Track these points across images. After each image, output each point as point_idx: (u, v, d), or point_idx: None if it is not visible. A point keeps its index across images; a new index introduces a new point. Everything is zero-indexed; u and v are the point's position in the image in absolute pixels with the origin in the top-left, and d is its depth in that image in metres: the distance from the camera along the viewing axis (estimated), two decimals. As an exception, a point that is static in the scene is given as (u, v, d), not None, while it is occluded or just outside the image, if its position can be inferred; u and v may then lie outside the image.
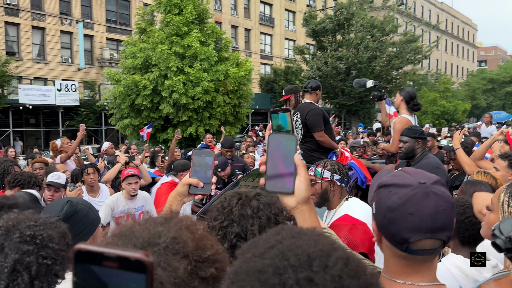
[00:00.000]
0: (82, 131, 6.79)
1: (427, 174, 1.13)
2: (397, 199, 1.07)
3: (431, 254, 1.08)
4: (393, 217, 1.07)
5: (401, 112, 4.61)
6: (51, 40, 26.21)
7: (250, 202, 1.43)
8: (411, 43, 23.64)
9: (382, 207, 1.10)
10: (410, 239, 1.05)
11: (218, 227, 1.40)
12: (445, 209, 1.06)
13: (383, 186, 1.12)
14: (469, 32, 68.23)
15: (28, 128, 24.48)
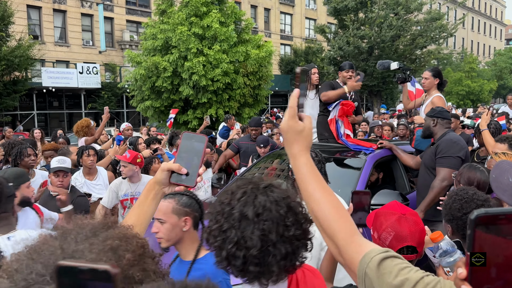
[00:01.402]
0: (106, 114, 6.83)
1: None
2: None
3: None
4: None
5: (433, 92, 4.67)
6: (72, 23, 26.40)
7: (255, 198, 1.16)
8: (435, 21, 22.89)
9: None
10: None
11: (217, 232, 1.15)
12: None
13: None
14: (497, 9, 65.65)
15: (51, 110, 24.92)
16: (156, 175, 1.35)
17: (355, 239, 1.04)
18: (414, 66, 22.23)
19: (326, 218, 1.06)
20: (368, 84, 23.48)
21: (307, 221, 1.17)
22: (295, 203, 1.18)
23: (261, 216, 1.12)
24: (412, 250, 1.69)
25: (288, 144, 1.17)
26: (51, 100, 24.76)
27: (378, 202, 3.50)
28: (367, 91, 25.15)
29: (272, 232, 1.11)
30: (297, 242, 1.14)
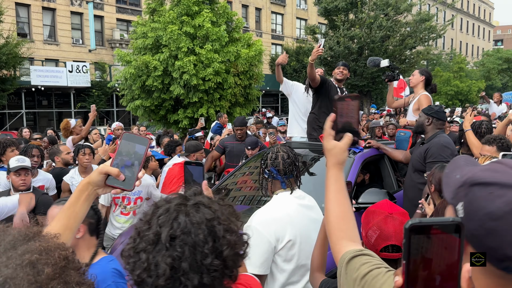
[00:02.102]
0: (93, 112, 6.82)
1: None
2: (504, 204, 0.81)
3: None
4: (495, 228, 0.81)
5: (420, 91, 4.71)
6: (62, 21, 26.18)
7: (175, 218, 1.02)
8: (425, 22, 23.12)
9: (479, 212, 0.83)
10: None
11: (131, 253, 1.03)
12: None
13: (481, 184, 0.86)
14: (485, 10, 66.44)
15: (40, 109, 24.70)
16: (91, 176, 1.26)
17: (342, 242, 1.18)
18: (403, 67, 22.42)
19: (329, 224, 1.25)
20: (358, 84, 23.63)
21: (231, 249, 1.02)
22: (220, 227, 1.03)
23: (177, 239, 0.99)
24: (397, 249, 1.71)
25: (326, 158, 1.36)
26: (40, 99, 24.54)
27: (365, 201, 3.54)
28: (357, 91, 25.30)
29: (185, 260, 0.97)
30: (214, 272, 0.99)
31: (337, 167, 1.31)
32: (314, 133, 4.85)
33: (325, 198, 1.29)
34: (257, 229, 2.10)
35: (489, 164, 0.92)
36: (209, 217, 1.02)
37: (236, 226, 1.07)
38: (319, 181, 4.11)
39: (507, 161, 0.91)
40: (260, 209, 2.25)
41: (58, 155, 5.00)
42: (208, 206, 1.06)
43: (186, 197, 1.09)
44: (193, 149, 4.93)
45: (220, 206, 1.09)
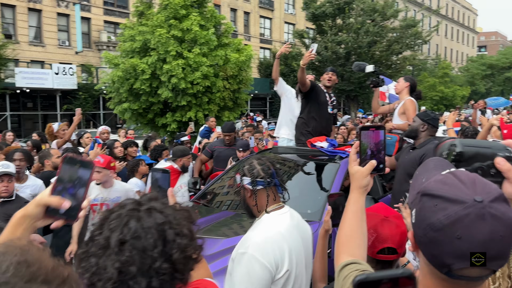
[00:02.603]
0: (78, 116, 6.77)
1: (487, 187, 0.91)
2: (444, 217, 0.88)
3: (477, 281, 0.90)
4: (435, 238, 0.89)
5: (405, 96, 4.77)
6: (48, 22, 25.89)
7: (126, 223, 1.02)
8: (411, 28, 23.47)
9: (425, 222, 0.91)
10: (452, 265, 0.88)
11: (83, 256, 1.03)
12: (503, 235, 0.85)
13: (429, 195, 0.93)
14: (470, 17, 67.68)
15: (25, 112, 24.35)
16: (27, 208, 1.13)
17: (342, 256, 1.27)
18: (390, 72, 22.70)
19: (338, 240, 1.34)
20: (345, 89, 23.84)
21: (181, 252, 1.03)
22: (171, 231, 1.04)
23: (126, 244, 1.00)
24: (393, 251, 1.76)
25: (350, 182, 1.44)
26: (25, 101, 24.19)
27: None
28: (344, 96, 25.51)
29: (134, 264, 0.98)
30: (163, 276, 1.00)
31: (358, 190, 1.38)
32: (302, 138, 4.84)
33: (342, 217, 1.39)
34: (255, 257, 1.87)
35: (443, 175, 0.97)
36: (160, 222, 1.03)
37: (188, 230, 1.08)
38: (306, 186, 4.13)
39: (459, 173, 0.96)
40: (253, 233, 1.99)
41: (48, 158, 4.98)
42: (161, 211, 1.06)
43: (140, 202, 1.09)
44: (180, 154, 4.88)
45: (175, 211, 1.10)
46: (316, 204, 3.69)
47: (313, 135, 4.78)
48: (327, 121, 5.03)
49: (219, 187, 4.57)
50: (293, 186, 4.04)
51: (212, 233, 3.36)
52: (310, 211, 3.59)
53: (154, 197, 1.13)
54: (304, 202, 3.80)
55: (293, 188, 4.01)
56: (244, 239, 1.97)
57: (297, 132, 5.02)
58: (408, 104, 4.64)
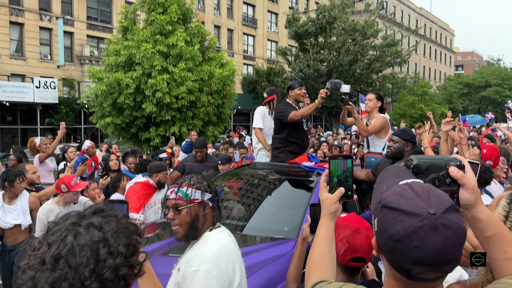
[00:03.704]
0: (62, 130, 6.72)
1: (440, 198, 1.02)
2: (402, 229, 0.98)
3: (434, 281, 1.02)
4: (395, 247, 0.99)
5: (375, 114, 4.85)
6: (30, 36, 25.68)
7: (64, 239, 1.02)
8: (391, 47, 24.11)
9: (385, 232, 1.02)
10: (411, 271, 0.99)
11: (23, 270, 1.02)
12: (455, 242, 0.97)
13: (388, 208, 1.03)
14: (447, 37, 69.81)
15: (4, 125, 23.91)
16: None
17: (312, 278, 1.34)
18: (370, 89, 23.18)
19: (308, 263, 1.42)
20: (328, 105, 24.21)
21: (112, 272, 1.02)
22: (104, 250, 1.02)
23: (61, 260, 0.99)
24: (362, 260, 1.92)
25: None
26: (4, 114, 23.75)
27: None
28: (326, 112, 25.90)
29: (66, 280, 0.97)
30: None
31: (328, 216, 1.47)
32: (282, 155, 4.74)
33: (313, 241, 1.48)
34: (210, 273, 1.80)
35: (401, 187, 1.08)
36: (96, 239, 1.02)
37: (126, 247, 1.06)
38: (283, 202, 4.07)
39: (415, 186, 1.07)
40: (202, 250, 1.90)
41: (24, 173, 4.85)
42: (99, 227, 1.05)
43: (83, 215, 1.08)
44: (156, 169, 4.73)
45: (117, 226, 1.07)
46: (293, 221, 3.60)
47: (294, 155, 4.69)
48: (304, 139, 4.93)
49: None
50: (270, 202, 4.07)
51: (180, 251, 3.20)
52: (287, 228, 3.56)
53: (100, 210, 1.11)
54: (281, 219, 3.80)
55: (270, 205, 4.03)
56: (192, 257, 1.88)
57: (275, 150, 4.88)
58: (379, 119, 4.70)
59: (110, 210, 1.13)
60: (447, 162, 1.19)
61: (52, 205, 4.04)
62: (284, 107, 4.80)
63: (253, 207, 4.02)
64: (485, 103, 47.56)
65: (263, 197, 4.16)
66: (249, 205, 4.06)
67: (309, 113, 4.66)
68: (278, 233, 3.44)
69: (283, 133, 4.78)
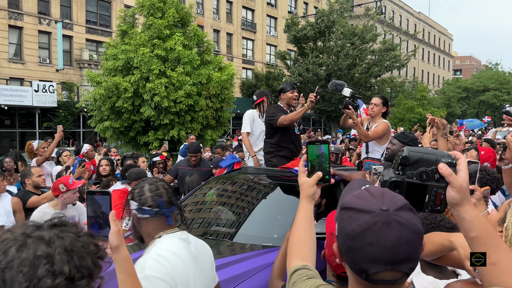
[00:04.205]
0: (59, 133, 6.69)
1: (394, 198, 1.04)
2: (357, 226, 1.00)
3: (393, 284, 1.01)
4: (351, 245, 1.01)
5: (378, 119, 4.73)
6: (29, 40, 25.70)
7: (6, 251, 0.95)
8: (390, 52, 24.17)
9: (342, 232, 1.04)
10: (368, 270, 0.99)
11: None
12: (409, 240, 0.97)
13: (345, 208, 1.06)
14: (445, 41, 70.04)
15: (3, 129, 23.87)
16: None
17: (294, 259, 1.37)
18: (369, 94, 23.22)
19: (290, 245, 1.44)
20: (326, 109, 24.24)
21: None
22: (45, 268, 0.94)
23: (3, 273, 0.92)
24: None
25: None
26: (2, 118, 23.73)
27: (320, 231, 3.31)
28: (325, 116, 25.91)
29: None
30: None
31: (306, 199, 1.53)
32: (274, 160, 4.64)
33: (293, 223, 1.50)
34: (155, 277, 1.79)
35: (359, 190, 1.11)
36: (39, 254, 0.94)
37: (74, 270, 0.97)
38: (273, 208, 3.95)
39: (372, 189, 1.10)
40: (146, 256, 1.88)
41: (29, 177, 4.82)
42: (48, 242, 0.96)
43: (39, 226, 1.01)
44: (134, 177, 4.56)
45: (73, 243, 0.99)
46: (282, 227, 3.44)
47: (286, 160, 4.58)
48: (296, 143, 4.78)
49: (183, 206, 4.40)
50: (260, 208, 3.94)
51: None
52: (277, 235, 3.42)
53: (61, 224, 1.03)
54: (271, 225, 3.70)
55: (259, 211, 3.90)
56: (137, 265, 1.84)
57: (267, 155, 4.77)
58: (381, 124, 4.59)
59: (73, 227, 1.03)
60: (439, 157, 1.17)
61: (48, 208, 3.94)
62: (274, 111, 4.67)
63: (242, 213, 3.87)
64: (484, 107, 47.65)
65: (253, 202, 4.01)
66: (238, 211, 3.92)
67: (298, 117, 4.53)
68: (267, 241, 3.33)
69: (275, 138, 4.65)
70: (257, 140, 5.19)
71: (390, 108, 4.89)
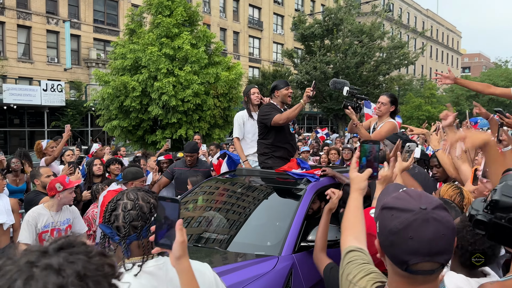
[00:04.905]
0: (67, 132, 6.69)
1: (430, 198, 1.20)
2: (399, 223, 1.15)
3: (430, 274, 1.15)
4: (394, 240, 1.15)
5: (385, 118, 4.53)
6: (37, 39, 25.86)
7: (11, 284, 0.79)
8: (398, 49, 23.98)
9: (385, 229, 1.18)
10: (409, 261, 1.13)
11: None
12: (444, 234, 1.13)
13: (387, 208, 1.21)
14: (454, 39, 69.45)
15: (12, 128, 24.06)
16: None
17: (349, 237, 1.56)
18: (377, 92, 23.08)
19: (343, 225, 1.64)
20: (334, 108, 24.11)
21: None
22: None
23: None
24: None
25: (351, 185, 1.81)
26: (11, 117, 23.93)
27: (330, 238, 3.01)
28: (332, 115, 25.79)
29: None
30: None
31: (358, 191, 1.73)
32: (269, 161, 4.36)
33: (345, 210, 1.71)
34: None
35: (398, 193, 1.27)
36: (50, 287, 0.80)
37: None
38: (267, 214, 3.73)
39: (409, 190, 1.27)
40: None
41: (38, 178, 4.78)
42: (58, 270, 0.82)
43: (45, 252, 0.86)
44: (131, 177, 4.37)
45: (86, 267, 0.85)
46: (277, 235, 3.24)
47: (283, 161, 4.34)
48: (291, 143, 4.53)
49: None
50: (254, 213, 3.70)
51: None
52: (270, 243, 3.21)
53: (68, 245, 0.89)
54: (265, 232, 3.47)
55: (253, 216, 3.65)
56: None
57: (261, 156, 4.48)
58: (387, 124, 4.41)
59: (82, 245, 0.90)
60: None
61: (43, 209, 3.82)
62: (268, 110, 4.36)
63: (234, 219, 3.63)
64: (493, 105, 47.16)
65: (246, 207, 3.76)
66: (230, 216, 3.67)
67: (294, 115, 4.23)
68: (260, 249, 3.13)
69: (269, 138, 4.36)
70: (252, 141, 4.89)
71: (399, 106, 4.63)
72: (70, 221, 4.01)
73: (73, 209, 4.13)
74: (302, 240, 3.15)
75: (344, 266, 1.46)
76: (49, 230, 3.78)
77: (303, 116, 35.70)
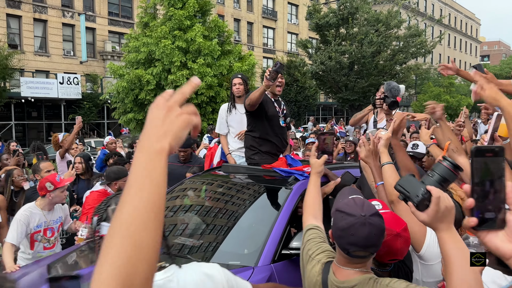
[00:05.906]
0: (78, 124, 6.74)
1: (370, 207, 1.65)
2: (345, 224, 1.60)
3: (363, 258, 1.64)
4: (341, 235, 1.61)
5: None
6: (53, 32, 26.12)
7: None
8: (415, 38, 23.50)
9: (336, 225, 1.63)
10: (349, 249, 1.60)
11: None
12: (376, 234, 1.59)
13: (339, 211, 1.65)
14: (472, 26, 67.83)
15: (30, 121, 24.46)
16: None
17: (309, 216, 2.07)
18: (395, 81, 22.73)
19: (304, 204, 2.14)
20: (349, 98, 23.83)
21: None
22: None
23: None
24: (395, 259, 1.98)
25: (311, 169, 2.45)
26: (29, 110, 24.32)
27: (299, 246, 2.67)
28: (347, 105, 25.51)
29: None
30: None
31: (315, 175, 2.30)
32: (256, 157, 4.02)
33: (306, 190, 2.17)
34: None
35: (348, 200, 1.71)
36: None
37: None
38: (247, 217, 3.33)
39: (356, 199, 1.72)
40: None
41: (38, 173, 4.72)
42: None
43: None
44: (114, 177, 4.19)
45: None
46: (255, 241, 2.90)
47: (271, 157, 4.00)
48: (281, 137, 4.11)
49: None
50: (233, 216, 3.31)
51: None
52: (248, 250, 2.91)
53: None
54: (243, 238, 3.10)
55: (231, 219, 3.26)
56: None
57: (248, 151, 4.11)
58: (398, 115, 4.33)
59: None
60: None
61: (35, 208, 3.73)
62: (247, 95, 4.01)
63: (213, 223, 3.26)
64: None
65: (227, 209, 3.39)
66: (208, 220, 3.31)
67: (256, 96, 3.71)
68: (235, 258, 2.81)
69: (256, 131, 3.99)
70: (236, 136, 4.62)
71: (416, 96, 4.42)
72: (62, 219, 3.96)
73: (65, 207, 4.07)
74: (284, 247, 2.78)
75: (305, 243, 1.92)
76: (41, 230, 3.74)
77: (318, 107, 35.41)
